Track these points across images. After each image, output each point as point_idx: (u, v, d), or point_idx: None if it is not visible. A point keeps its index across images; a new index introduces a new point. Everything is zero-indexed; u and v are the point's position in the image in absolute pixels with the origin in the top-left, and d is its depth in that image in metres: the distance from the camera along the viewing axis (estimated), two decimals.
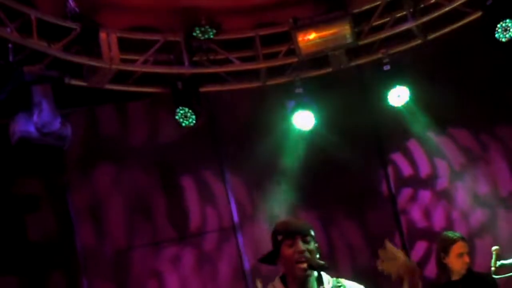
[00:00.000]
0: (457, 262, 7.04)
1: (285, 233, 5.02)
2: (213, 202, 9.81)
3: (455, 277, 7.07)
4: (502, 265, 6.98)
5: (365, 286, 5.10)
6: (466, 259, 7.02)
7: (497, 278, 6.93)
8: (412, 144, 10.16)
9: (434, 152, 10.11)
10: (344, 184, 9.99)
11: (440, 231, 9.59)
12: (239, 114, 10.04)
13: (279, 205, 9.84)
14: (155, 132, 9.69)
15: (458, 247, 7.06)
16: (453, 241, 7.10)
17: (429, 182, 10.12)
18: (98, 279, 9.24)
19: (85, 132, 9.51)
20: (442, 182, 10.10)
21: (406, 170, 10.16)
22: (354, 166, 9.96)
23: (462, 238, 7.15)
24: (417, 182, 10.15)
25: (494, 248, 7.13)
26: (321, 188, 9.97)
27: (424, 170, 10.15)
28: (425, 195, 10.11)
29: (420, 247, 9.97)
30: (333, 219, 9.99)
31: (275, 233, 5.08)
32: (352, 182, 9.99)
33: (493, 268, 6.92)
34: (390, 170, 10.15)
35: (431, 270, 9.69)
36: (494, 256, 7.03)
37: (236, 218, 9.76)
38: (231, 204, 9.79)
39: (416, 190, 10.13)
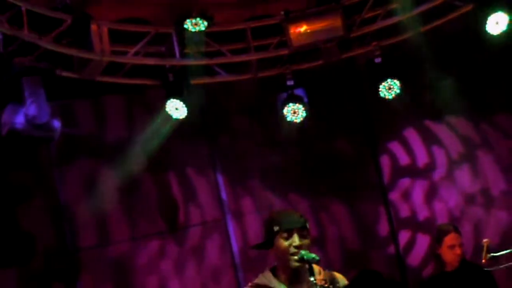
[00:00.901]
0: (448, 254, 7.10)
1: (282, 225, 5.04)
2: (204, 193, 9.79)
3: (448, 269, 7.11)
4: (492, 257, 7.00)
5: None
6: (458, 251, 7.06)
7: (488, 270, 6.97)
8: (409, 133, 10.16)
9: (432, 141, 10.10)
10: (336, 175, 10.00)
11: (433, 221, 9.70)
12: (230, 106, 10.03)
13: (270, 196, 9.85)
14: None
15: (450, 239, 7.12)
16: (445, 233, 7.17)
17: (426, 171, 10.11)
18: (94, 274, 9.23)
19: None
20: (440, 172, 10.08)
21: (403, 159, 10.16)
22: (345, 157, 9.99)
23: (455, 230, 7.20)
24: (414, 172, 10.14)
25: (484, 240, 7.16)
26: (312, 179, 9.99)
27: (422, 159, 10.13)
28: (423, 185, 10.10)
29: (404, 236, 10.02)
30: (324, 207, 10.00)
31: (271, 223, 5.10)
32: (344, 173, 10.01)
33: (483, 260, 6.95)
34: (386, 159, 10.12)
35: (415, 259, 9.84)
36: (484, 249, 7.06)
37: (227, 209, 9.76)
38: (222, 196, 9.78)
39: (413, 180, 10.14)
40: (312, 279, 5.01)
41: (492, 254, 7.01)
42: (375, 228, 10.08)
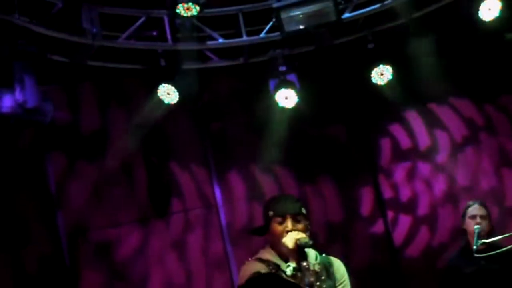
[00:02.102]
0: (470, 225, 7.18)
1: (276, 211, 5.13)
2: (196, 179, 9.79)
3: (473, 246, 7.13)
4: (483, 244, 7.03)
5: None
6: (477, 220, 7.14)
7: (479, 257, 6.99)
8: (411, 116, 10.17)
9: (434, 124, 10.09)
10: (327, 160, 10.02)
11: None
12: (222, 92, 10.01)
13: (263, 182, 9.85)
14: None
15: (472, 210, 7.34)
16: (469, 205, 7.41)
17: (428, 154, 10.11)
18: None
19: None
20: (442, 155, 10.08)
21: (404, 142, 10.16)
22: (337, 142, 10.01)
23: (479, 203, 7.43)
24: (416, 155, 10.15)
25: (476, 227, 7.19)
26: (305, 164, 9.99)
27: (423, 142, 10.13)
28: (424, 168, 10.10)
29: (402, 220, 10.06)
30: (318, 192, 10.01)
31: (266, 209, 5.20)
32: (335, 157, 10.02)
33: (474, 247, 6.97)
34: (385, 142, 10.12)
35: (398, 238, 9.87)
36: (475, 235, 7.09)
37: (219, 196, 9.75)
38: (214, 182, 9.78)
39: (414, 163, 10.13)
40: (304, 263, 5.05)
41: (483, 240, 7.05)
42: (360, 206, 10.09)
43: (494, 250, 6.83)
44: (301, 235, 5.08)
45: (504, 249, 6.87)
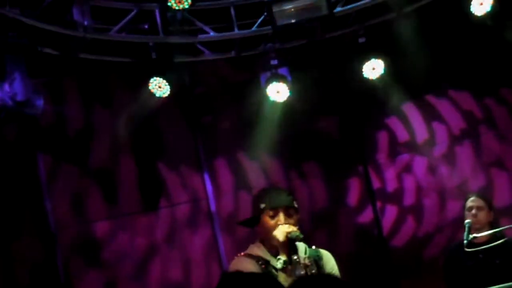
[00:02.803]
0: (467, 216, 7.21)
1: (269, 203, 5.10)
2: (187, 172, 9.78)
3: (477, 240, 7.15)
4: (474, 238, 7.06)
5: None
6: (473, 211, 7.16)
7: (469, 251, 7.02)
8: (409, 108, 10.12)
9: (432, 116, 10.06)
10: (318, 152, 10.02)
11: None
12: (213, 85, 10.00)
13: (253, 175, 9.86)
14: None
15: (469, 202, 7.33)
16: (467, 198, 7.41)
17: (423, 148, 10.08)
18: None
19: None
20: (440, 148, 10.06)
21: (402, 135, 10.12)
22: (328, 135, 10.01)
23: (477, 195, 7.46)
24: (414, 148, 10.12)
25: (466, 221, 7.21)
26: (294, 158, 10.00)
27: (421, 135, 10.10)
28: (422, 162, 10.08)
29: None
30: (307, 186, 10.01)
31: (258, 200, 5.17)
32: (326, 150, 10.03)
33: (465, 241, 6.99)
34: (382, 136, 10.12)
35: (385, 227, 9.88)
36: (466, 230, 7.11)
37: (209, 188, 9.75)
38: (204, 175, 9.77)
39: (412, 156, 10.10)
40: (295, 257, 5.06)
41: (474, 235, 7.07)
42: (348, 196, 10.10)
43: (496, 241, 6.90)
44: (292, 229, 5.08)
45: (492, 244, 6.93)
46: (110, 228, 9.33)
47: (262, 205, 5.18)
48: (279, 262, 5.02)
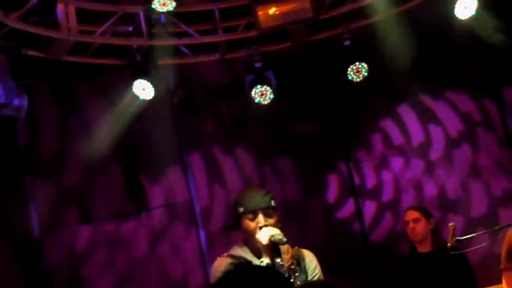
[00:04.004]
0: (407, 230, 7.21)
1: (246, 207, 5.08)
2: (171, 174, 9.76)
3: (419, 250, 7.18)
4: (458, 241, 7.07)
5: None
6: (411, 225, 7.20)
7: (426, 259, 7.07)
8: (403, 110, 10.14)
9: (428, 118, 10.05)
10: (301, 155, 10.01)
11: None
12: (197, 87, 9.99)
13: (237, 178, 9.85)
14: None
15: (406, 216, 7.35)
16: (405, 211, 7.32)
17: (422, 150, 10.09)
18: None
19: None
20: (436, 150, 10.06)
21: (397, 138, 10.13)
22: (312, 138, 10.01)
23: (411, 207, 7.45)
24: (409, 151, 10.12)
25: (450, 224, 7.22)
26: (279, 161, 9.99)
27: (416, 137, 10.11)
28: (418, 164, 10.09)
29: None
30: (291, 193, 10.01)
31: (236, 205, 5.15)
32: (308, 152, 10.02)
33: (449, 244, 7.00)
34: (377, 137, 10.11)
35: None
36: (450, 232, 7.11)
37: (193, 190, 9.73)
38: (189, 177, 9.76)
39: (408, 159, 10.09)
40: (279, 260, 5.04)
41: (457, 238, 7.08)
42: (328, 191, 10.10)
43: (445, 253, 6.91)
44: (276, 231, 5.06)
45: (476, 247, 6.95)
46: (97, 229, 9.33)
47: (241, 209, 5.16)
48: (262, 265, 5.00)
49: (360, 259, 9.79)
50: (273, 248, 5.08)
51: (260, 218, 5.09)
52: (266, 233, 5.05)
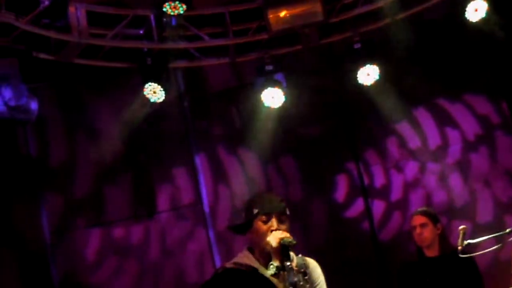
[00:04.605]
0: (413, 235, 7.17)
1: (262, 209, 5.08)
2: (182, 178, 9.77)
3: (427, 254, 7.14)
4: (468, 244, 7.03)
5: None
6: (418, 230, 7.14)
7: (464, 257, 7.00)
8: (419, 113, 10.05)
9: (444, 121, 9.97)
10: (312, 162, 10.00)
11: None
12: (208, 91, 10.00)
13: (245, 182, 9.85)
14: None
15: (412, 221, 7.25)
16: (411, 216, 7.28)
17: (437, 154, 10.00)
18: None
19: None
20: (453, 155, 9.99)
21: (413, 141, 10.04)
22: (322, 141, 9.99)
23: (418, 212, 7.30)
24: (425, 154, 10.03)
25: (461, 227, 7.18)
26: (287, 166, 9.99)
27: (434, 140, 10.01)
28: (434, 168, 9.98)
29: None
30: (301, 195, 10.00)
31: (250, 206, 5.14)
32: (320, 159, 10.01)
33: (459, 247, 6.97)
34: (392, 142, 10.09)
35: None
36: (460, 235, 7.08)
37: (204, 194, 9.74)
38: (199, 180, 9.77)
39: (424, 163, 10.01)
40: (288, 263, 5.03)
41: (468, 241, 7.05)
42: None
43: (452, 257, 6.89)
44: (286, 235, 5.06)
45: (487, 250, 6.91)
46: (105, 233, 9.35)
47: (255, 210, 5.15)
48: (271, 267, 4.99)
49: (369, 258, 9.76)
50: (283, 252, 5.07)
51: (274, 222, 5.09)
52: (276, 236, 5.05)
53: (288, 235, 5.06)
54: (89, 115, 9.63)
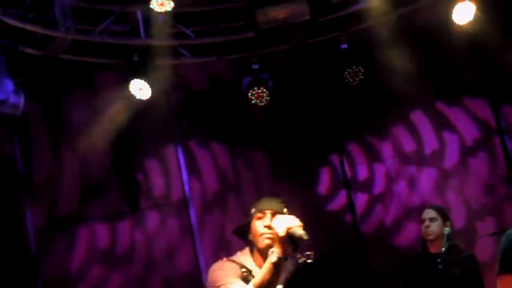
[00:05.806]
0: (422, 228, 7.20)
1: (258, 207, 5.10)
2: (167, 174, 9.77)
3: (432, 250, 7.18)
4: (452, 246, 7.08)
5: None
6: (426, 223, 7.18)
7: (466, 255, 7.12)
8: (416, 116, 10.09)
9: (442, 125, 9.98)
10: (297, 161, 10.01)
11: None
12: (194, 89, 9.99)
13: (233, 178, 9.87)
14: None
15: (423, 214, 7.32)
16: (422, 210, 7.34)
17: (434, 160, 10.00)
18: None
19: None
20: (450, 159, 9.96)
21: (408, 145, 10.05)
22: (308, 141, 9.99)
23: (429, 206, 7.45)
24: (421, 159, 10.04)
25: (445, 229, 7.22)
26: (273, 166, 10.00)
27: (431, 145, 10.03)
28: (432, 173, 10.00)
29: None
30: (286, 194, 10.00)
31: (251, 208, 5.18)
32: (305, 155, 10.01)
33: (443, 249, 7.00)
34: (389, 145, 10.08)
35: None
36: (445, 238, 7.11)
37: (189, 191, 9.74)
38: (184, 177, 9.76)
39: (420, 168, 10.02)
40: (299, 255, 5.02)
41: (452, 242, 7.09)
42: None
43: (455, 253, 6.94)
44: (295, 223, 4.98)
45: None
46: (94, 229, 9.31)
47: (253, 210, 5.20)
48: (273, 255, 4.92)
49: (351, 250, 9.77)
50: (292, 242, 5.06)
51: (268, 219, 5.09)
52: (283, 221, 4.99)
53: (299, 223, 4.99)
54: (69, 112, 9.58)
